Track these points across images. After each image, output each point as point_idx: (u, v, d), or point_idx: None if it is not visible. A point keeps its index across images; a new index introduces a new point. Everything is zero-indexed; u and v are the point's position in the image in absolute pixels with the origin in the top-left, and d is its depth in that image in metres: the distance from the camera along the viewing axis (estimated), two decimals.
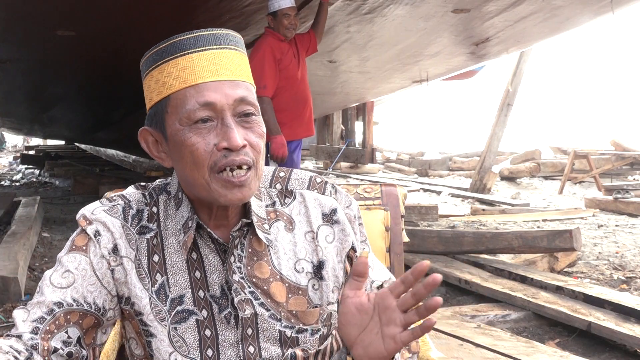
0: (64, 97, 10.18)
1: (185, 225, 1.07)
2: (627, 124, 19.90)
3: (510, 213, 7.41)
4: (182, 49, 1.02)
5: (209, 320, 1.06)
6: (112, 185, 8.49)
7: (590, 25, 6.04)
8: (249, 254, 1.08)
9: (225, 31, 1.05)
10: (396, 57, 7.00)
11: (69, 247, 1.08)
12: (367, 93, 9.98)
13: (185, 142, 1.01)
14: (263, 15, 5.33)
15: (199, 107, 1.00)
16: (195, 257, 1.07)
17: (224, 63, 1.02)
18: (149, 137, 1.09)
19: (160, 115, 1.05)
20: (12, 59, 7.20)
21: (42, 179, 11.50)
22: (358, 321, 0.97)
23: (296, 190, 1.15)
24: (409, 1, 5.11)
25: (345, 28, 5.80)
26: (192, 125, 1.00)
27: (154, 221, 1.09)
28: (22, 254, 4.43)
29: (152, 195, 1.12)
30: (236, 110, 1.02)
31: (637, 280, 4.38)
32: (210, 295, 1.06)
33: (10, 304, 3.69)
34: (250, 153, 1.02)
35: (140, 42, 6.87)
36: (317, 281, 1.10)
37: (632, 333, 3.24)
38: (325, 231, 1.13)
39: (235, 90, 1.02)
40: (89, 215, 1.09)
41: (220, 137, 1.00)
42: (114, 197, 1.12)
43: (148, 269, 1.07)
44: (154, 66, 1.04)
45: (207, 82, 1.00)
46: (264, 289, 1.07)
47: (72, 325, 1.03)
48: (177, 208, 1.09)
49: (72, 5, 5.02)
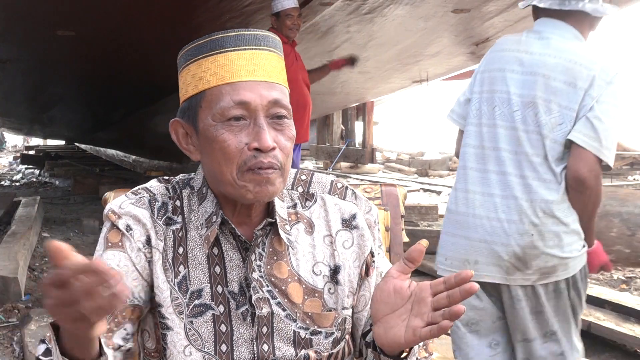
0: (64, 97, 10.18)
1: (208, 220, 1.08)
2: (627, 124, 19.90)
3: None
4: (222, 46, 1.03)
5: (225, 316, 1.07)
6: (112, 185, 8.49)
7: None
8: (269, 253, 1.09)
9: (265, 32, 1.06)
10: (396, 57, 7.00)
11: (104, 244, 1.07)
12: (367, 93, 9.99)
13: (217, 138, 1.02)
14: (263, 15, 5.32)
15: (234, 105, 1.01)
16: (216, 252, 1.08)
17: (261, 64, 1.03)
18: (179, 129, 1.10)
19: (194, 109, 1.06)
20: (12, 59, 7.20)
21: (42, 179, 11.50)
22: (391, 302, 0.99)
23: (317, 193, 1.17)
24: (409, 1, 5.11)
25: (345, 28, 5.81)
26: (225, 122, 1.02)
27: (178, 214, 1.10)
28: (22, 254, 4.43)
29: (176, 189, 1.13)
30: (269, 111, 1.03)
31: (637, 280, 4.38)
32: (229, 291, 1.07)
33: (10, 304, 3.69)
34: (279, 155, 1.03)
35: (140, 42, 6.92)
36: (333, 285, 1.12)
37: (632, 333, 3.24)
38: (344, 236, 1.14)
39: (270, 91, 1.03)
40: (117, 209, 1.08)
41: (252, 137, 1.01)
42: (139, 190, 1.12)
43: (172, 261, 1.07)
44: (192, 60, 1.06)
45: (244, 81, 1.02)
46: (282, 289, 1.08)
47: (127, 321, 1.05)
48: (200, 203, 1.10)
49: (72, 5, 5.02)
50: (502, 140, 2.05)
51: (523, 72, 2.04)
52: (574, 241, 2.02)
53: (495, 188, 2.05)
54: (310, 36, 5.68)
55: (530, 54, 2.05)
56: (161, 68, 7.32)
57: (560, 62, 2.00)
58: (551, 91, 1.99)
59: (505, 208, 2.02)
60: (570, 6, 2.01)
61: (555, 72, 2.00)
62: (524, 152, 2.01)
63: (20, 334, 3.22)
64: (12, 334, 3.32)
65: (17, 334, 3.29)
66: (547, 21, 2.07)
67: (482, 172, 2.09)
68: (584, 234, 2.05)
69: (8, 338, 3.29)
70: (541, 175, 2.00)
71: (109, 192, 1.52)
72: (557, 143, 1.98)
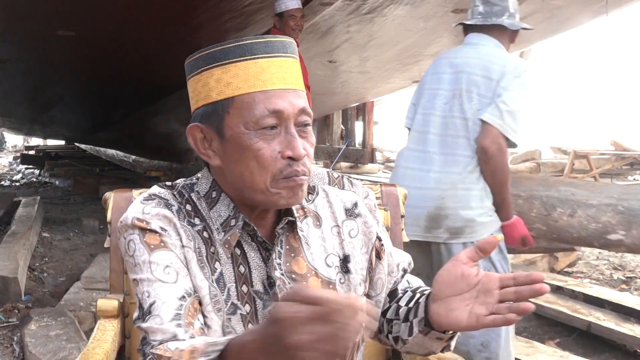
0: (64, 97, 10.18)
1: (225, 224, 1.08)
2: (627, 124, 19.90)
3: None
4: (252, 53, 1.03)
5: (252, 316, 1.07)
6: (112, 185, 8.49)
7: (590, 25, 6.04)
8: (286, 251, 1.11)
9: (289, 39, 1.07)
10: (396, 57, 7.00)
11: (146, 248, 1.04)
12: (367, 93, 9.98)
13: (251, 146, 1.02)
14: (263, 15, 5.32)
15: (268, 114, 1.01)
16: (238, 252, 1.09)
17: (290, 71, 1.05)
18: (197, 134, 1.09)
19: (219, 115, 1.05)
20: (12, 59, 7.20)
21: (42, 179, 11.50)
22: (457, 285, 1.03)
23: (318, 186, 1.19)
24: (409, 1, 5.11)
25: (345, 28, 5.80)
26: (258, 130, 1.02)
27: (194, 217, 1.09)
28: (22, 254, 4.43)
29: (182, 193, 1.12)
30: (298, 119, 1.05)
31: (637, 280, 4.38)
32: (254, 290, 1.08)
33: (10, 304, 3.69)
34: (307, 162, 1.06)
35: (140, 42, 6.92)
36: (343, 275, 1.14)
37: (632, 333, 3.24)
38: (349, 225, 1.17)
39: (298, 99, 1.05)
40: (142, 215, 1.06)
41: (284, 145, 1.03)
42: (151, 196, 1.10)
43: (207, 259, 1.07)
44: (215, 64, 1.05)
45: (276, 90, 1.03)
46: (303, 285, 1.10)
47: (197, 312, 1.04)
48: (211, 208, 1.09)
49: (72, 5, 5.02)
50: (432, 126, 2.50)
51: (452, 72, 2.50)
52: (478, 207, 2.40)
53: (422, 164, 2.49)
54: (310, 36, 5.67)
55: (459, 58, 2.53)
56: (161, 68, 7.34)
57: (480, 61, 2.46)
58: (472, 84, 2.44)
59: (426, 179, 2.45)
60: (492, 21, 2.51)
61: (476, 69, 2.45)
62: (449, 134, 2.45)
63: (20, 334, 3.22)
64: (12, 334, 3.32)
65: (17, 334, 3.29)
66: (474, 35, 2.56)
67: (414, 152, 2.54)
68: (498, 207, 2.43)
69: (8, 338, 3.29)
70: (461, 152, 2.41)
71: (109, 192, 1.52)
72: (476, 125, 2.41)
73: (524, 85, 2.40)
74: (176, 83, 8.33)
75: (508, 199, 2.44)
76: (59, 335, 3.02)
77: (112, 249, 1.46)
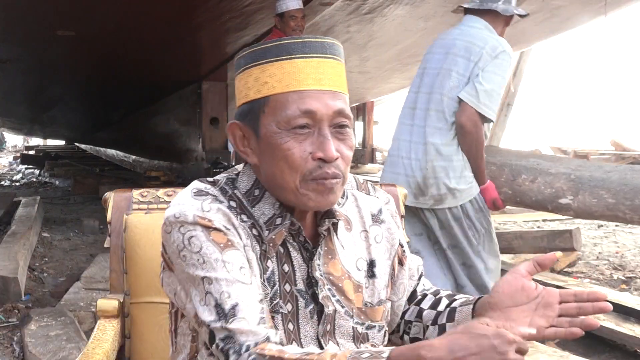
0: (64, 97, 10.18)
1: (270, 222, 1.07)
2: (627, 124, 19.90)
3: (510, 213, 7.41)
4: (288, 53, 1.03)
5: (293, 314, 1.08)
6: (112, 185, 8.49)
7: (590, 25, 6.04)
8: (325, 252, 1.11)
9: (331, 40, 1.06)
10: (396, 57, 7.01)
11: (216, 247, 1.01)
12: (367, 93, 10.00)
13: (281, 145, 1.02)
14: (263, 15, 5.32)
15: (300, 114, 1.01)
16: (282, 251, 1.09)
17: (327, 72, 1.04)
18: (237, 132, 1.09)
19: (256, 114, 1.05)
20: (12, 59, 7.20)
21: (42, 179, 11.50)
22: (517, 297, 1.06)
23: (348, 190, 1.19)
24: (409, 1, 5.12)
25: (345, 28, 5.81)
26: (290, 129, 1.02)
27: (242, 213, 1.08)
28: (22, 254, 4.43)
29: (226, 190, 1.10)
30: (333, 121, 1.04)
31: (637, 280, 4.38)
32: (297, 289, 1.08)
33: (10, 304, 3.69)
34: (341, 165, 1.04)
35: (140, 42, 6.91)
36: (368, 279, 1.15)
37: (632, 333, 3.24)
38: (375, 231, 1.19)
39: (335, 101, 1.04)
40: (202, 213, 1.02)
41: (316, 147, 1.02)
42: (201, 192, 1.07)
43: (261, 257, 1.07)
44: (255, 63, 1.05)
45: (310, 90, 1.02)
46: (339, 286, 1.11)
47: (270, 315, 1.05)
48: (253, 205, 1.08)
49: (72, 5, 5.02)
50: (419, 102, 2.80)
51: (440, 52, 2.78)
52: (458, 176, 2.73)
53: (411, 136, 2.80)
54: None
55: (448, 39, 2.80)
56: (161, 68, 7.35)
57: (464, 43, 2.72)
58: (453, 63, 2.71)
59: (414, 150, 2.77)
60: (487, 6, 2.74)
61: (459, 49, 2.71)
62: (430, 108, 2.74)
63: (20, 334, 3.22)
64: (12, 334, 3.32)
65: (17, 334, 3.28)
66: (469, 17, 2.81)
67: (405, 125, 2.85)
68: (474, 174, 2.76)
69: (8, 338, 3.29)
70: (437, 124, 2.72)
71: (109, 192, 1.52)
72: (452, 100, 2.69)
73: (500, 66, 2.65)
74: (176, 83, 8.35)
75: (482, 167, 2.79)
76: (59, 335, 3.01)
77: (112, 249, 1.46)
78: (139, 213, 1.46)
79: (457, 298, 1.20)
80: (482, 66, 2.63)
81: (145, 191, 1.51)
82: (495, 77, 2.64)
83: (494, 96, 2.64)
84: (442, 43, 2.81)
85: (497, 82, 2.64)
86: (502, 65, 2.65)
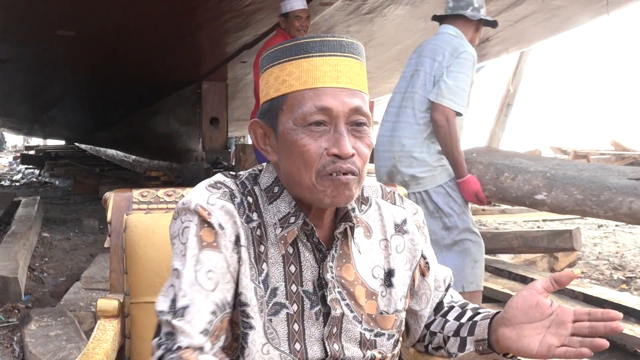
0: (64, 97, 10.19)
1: (284, 221, 1.08)
2: (627, 124, 19.90)
3: (510, 213, 7.41)
4: (306, 51, 1.04)
5: (298, 315, 1.08)
6: (112, 185, 8.49)
7: (590, 25, 6.04)
8: (339, 256, 1.12)
9: (349, 39, 1.07)
10: (396, 57, 7.00)
11: (198, 243, 1.04)
12: None
13: (297, 142, 1.03)
14: (263, 15, 5.32)
15: (316, 111, 1.02)
16: (291, 251, 1.09)
17: (345, 71, 1.05)
18: (258, 130, 1.11)
19: (275, 112, 1.07)
20: (12, 59, 7.21)
21: (42, 179, 11.50)
22: (531, 313, 1.07)
23: (372, 198, 1.20)
24: (409, 1, 5.11)
25: (345, 28, 5.81)
26: (306, 126, 1.03)
27: (253, 211, 1.09)
28: (22, 254, 4.43)
29: (246, 184, 1.12)
30: (350, 118, 1.04)
31: (637, 280, 4.38)
32: (304, 290, 1.09)
33: (10, 304, 3.69)
34: (357, 162, 1.04)
35: (140, 42, 6.90)
36: (385, 288, 1.15)
37: (632, 333, 3.24)
38: (397, 241, 1.18)
39: (352, 99, 1.04)
40: (206, 204, 1.05)
41: (332, 143, 1.03)
42: (217, 184, 1.09)
43: (256, 259, 1.07)
44: (275, 63, 1.07)
45: (327, 87, 1.03)
46: (350, 291, 1.11)
47: (223, 332, 1.04)
48: (271, 202, 1.10)
49: (72, 5, 5.02)
50: (395, 100, 3.13)
51: (416, 57, 3.10)
52: (419, 165, 2.98)
53: (386, 131, 3.12)
54: None
55: (422, 45, 3.12)
56: (161, 68, 7.35)
57: (433, 46, 3.02)
58: (421, 64, 3.02)
59: (387, 143, 3.09)
60: (456, 12, 3.04)
61: (427, 51, 3.03)
62: (403, 105, 3.04)
63: (20, 334, 3.22)
64: (12, 334, 3.32)
65: (17, 334, 3.28)
66: (443, 26, 3.11)
67: (384, 122, 3.16)
68: (452, 167, 2.97)
69: (8, 338, 3.29)
70: (407, 119, 3.01)
71: (109, 192, 1.52)
72: (422, 97, 2.97)
73: (463, 65, 2.92)
74: (176, 83, 8.35)
75: (459, 160, 2.94)
76: (59, 335, 3.01)
77: (112, 249, 1.46)
78: (139, 213, 1.46)
79: (481, 311, 1.20)
80: (447, 65, 2.92)
81: (145, 191, 1.51)
82: (459, 75, 2.90)
83: (459, 92, 2.89)
84: (418, 49, 3.15)
85: (460, 79, 2.90)
86: (464, 64, 2.92)
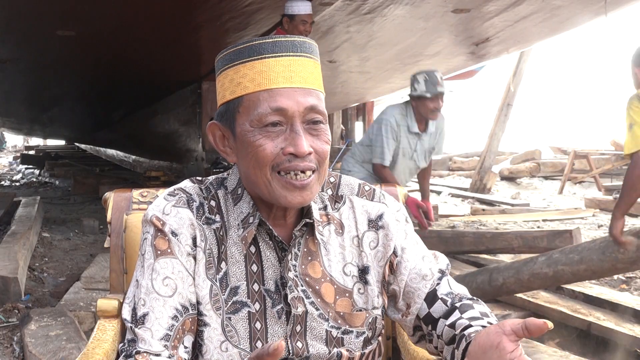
0: (64, 97, 10.18)
1: (245, 221, 1.10)
2: None
3: (510, 213, 7.42)
4: (259, 53, 1.05)
5: (261, 314, 1.09)
6: (112, 185, 8.49)
7: (590, 25, 6.04)
8: (304, 253, 1.12)
9: (302, 39, 1.08)
10: (396, 57, 7.01)
11: (153, 252, 1.08)
12: (367, 93, 9.99)
13: (253, 143, 1.04)
14: (263, 15, 5.32)
15: (271, 112, 1.03)
16: (253, 250, 1.10)
17: (298, 70, 1.05)
18: (216, 132, 1.12)
19: (231, 114, 1.08)
20: (12, 59, 7.20)
21: (42, 179, 11.51)
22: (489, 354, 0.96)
23: (346, 195, 1.19)
24: (409, 1, 5.11)
25: (345, 28, 5.81)
26: (262, 127, 1.04)
27: (216, 213, 1.11)
28: (22, 254, 4.43)
29: (210, 189, 1.14)
30: (305, 117, 1.05)
31: (637, 280, 4.38)
32: (265, 289, 1.09)
33: (10, 304, 3.69)
34: (315, 160, 1.05)
35: (140, 42, 6.89)
36: (362, 285, 1.14)
37: (632, 333, 3.24)
38: (370, 237, 1.17)
39: (307, 98, 1.05)
40: (161, 215, 1.09)
41: (288, 142, 1.03)
42: (175, 192, 1.13)
43: (216, 259, 1.09)
44: (230, 65, 1.08)
45: (281, 88, 1.04)
46: (316, 289, 1.11)
47: (187, 333, 1.06)
48: (235, 203, 1.12)
49: (72, 5, 5.02)
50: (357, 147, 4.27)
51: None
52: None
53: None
54: (310, 36, 5.67)
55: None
56: (161, 68, 7.34)
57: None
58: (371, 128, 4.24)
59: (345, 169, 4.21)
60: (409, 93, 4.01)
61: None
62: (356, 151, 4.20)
63: (20, 334, 3.22)
64: (12, 334, 3.32)
65: (17, 334, 3.29)
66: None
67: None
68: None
69: (8, 338, 3.29)
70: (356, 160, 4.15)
71: (109, 192, 1.52)
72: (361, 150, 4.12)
73: (380, 128, 3.94)
74: (176, 83, 8.35)
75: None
76: (59, 335, 3.01)
77: (112, 249, 1.46)
78: (139, 213, 1.46)
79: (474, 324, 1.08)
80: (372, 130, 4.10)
81: (145, 191, 1.51)
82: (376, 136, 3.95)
83: (377, 148, 3.94)
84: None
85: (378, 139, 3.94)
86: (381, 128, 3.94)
